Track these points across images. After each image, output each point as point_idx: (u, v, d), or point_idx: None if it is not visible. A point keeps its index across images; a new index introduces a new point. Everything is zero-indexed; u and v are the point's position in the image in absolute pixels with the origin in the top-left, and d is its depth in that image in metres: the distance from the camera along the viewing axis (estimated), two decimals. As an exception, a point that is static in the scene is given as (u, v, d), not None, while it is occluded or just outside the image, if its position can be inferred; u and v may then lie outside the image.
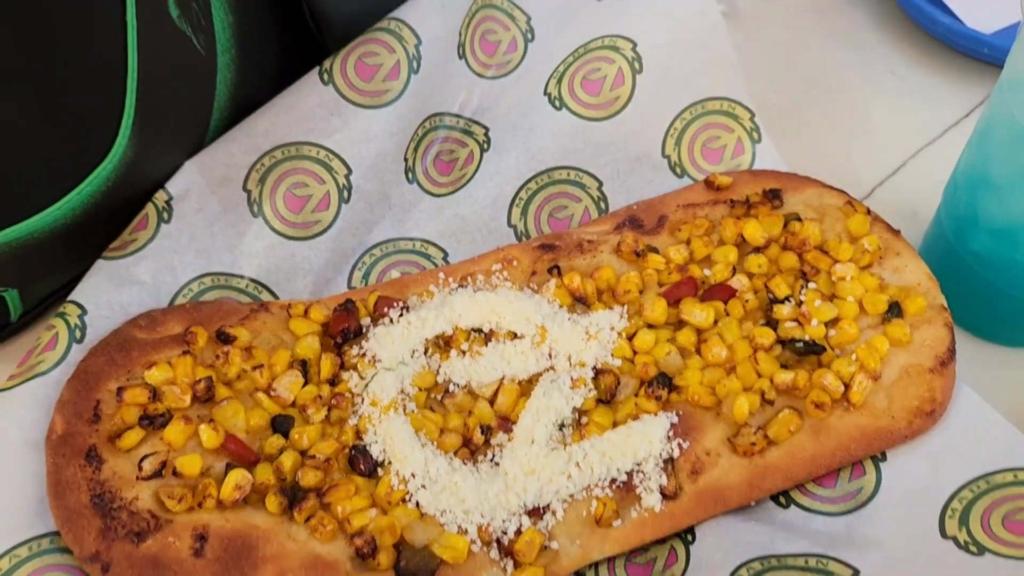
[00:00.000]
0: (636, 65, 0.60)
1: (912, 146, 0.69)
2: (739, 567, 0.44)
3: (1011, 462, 0.46)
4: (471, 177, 0.60)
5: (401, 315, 0.53)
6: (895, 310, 0.52)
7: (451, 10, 0.60)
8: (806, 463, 0.48)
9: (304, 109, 0.56)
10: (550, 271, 0.55)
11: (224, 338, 0.50)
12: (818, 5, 0.81)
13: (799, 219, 0.56)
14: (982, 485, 0.46)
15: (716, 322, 0.52)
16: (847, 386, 0.49)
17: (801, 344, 0.51)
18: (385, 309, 0.53)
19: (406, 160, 0.59)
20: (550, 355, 0.51)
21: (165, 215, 0.54)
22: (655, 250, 0.56)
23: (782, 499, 0.48)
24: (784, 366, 0.51)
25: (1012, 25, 0.71)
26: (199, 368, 0.49)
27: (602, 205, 0.60)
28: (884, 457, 0.49)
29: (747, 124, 0.61)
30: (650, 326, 0.52)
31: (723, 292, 0.54)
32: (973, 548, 0.44)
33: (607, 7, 0.62)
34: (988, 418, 0.49)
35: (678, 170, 0.61)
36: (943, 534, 0.44)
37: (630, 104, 0.60)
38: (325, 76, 0.57)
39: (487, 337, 0.52)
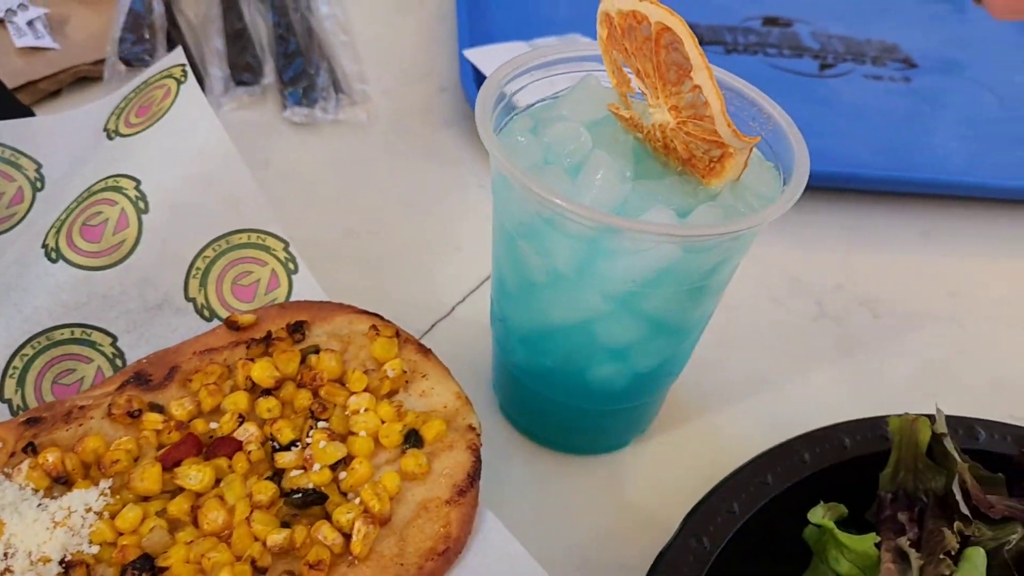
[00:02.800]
0: (141, 204, 0.54)
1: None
2: None
3: None
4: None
5: None
6: (413, 439, 0.48)
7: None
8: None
9: None
10: (25, 450, 0.47)
11: None
12: (413, 128, 0.80)
13: (317, 351, 0.51)
14: None
15: (220, 482, 0.45)
16: (348, 536, 0.43)
17: (299, 495, 0.45)
18: None
19: None
20: (5, 555, 0.43)
21: None
22: (160, 408, 0.49)
23: None
24: (286, 524, 0.44)
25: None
26: None
27: (119, 363, 0.53)
28: None
29: (281, 255, 0.57)
30: (146, 499, 0.45)
31: (228, 446, 0.47)
32: None
33: (118, 146, 0.57)
34: (509, 552, 0.44)
35: (206, 313, 0.55)
36: None
37: (138, 247, 0.54)
38: None
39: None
